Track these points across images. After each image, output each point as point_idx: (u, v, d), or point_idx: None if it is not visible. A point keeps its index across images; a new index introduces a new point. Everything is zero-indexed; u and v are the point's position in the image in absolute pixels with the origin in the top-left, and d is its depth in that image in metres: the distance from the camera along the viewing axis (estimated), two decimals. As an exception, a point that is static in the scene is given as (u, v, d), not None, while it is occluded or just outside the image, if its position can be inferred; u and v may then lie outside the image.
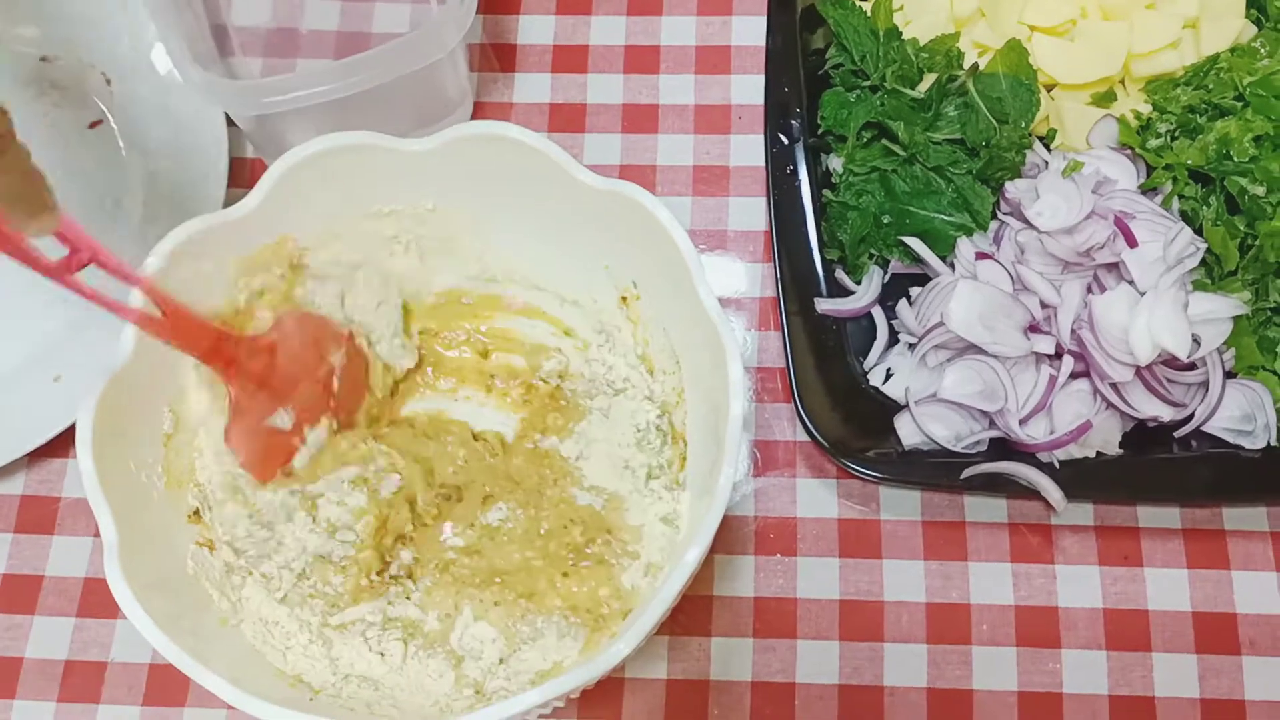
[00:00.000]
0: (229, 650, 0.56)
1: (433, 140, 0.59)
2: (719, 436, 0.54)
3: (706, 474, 0.57)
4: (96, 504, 0.52)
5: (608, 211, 0.59)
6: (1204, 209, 0.67)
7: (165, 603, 0.52)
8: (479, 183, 0.62)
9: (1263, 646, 0.63)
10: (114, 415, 0.54)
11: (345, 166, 0.60)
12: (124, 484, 0.54)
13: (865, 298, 0.69)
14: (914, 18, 0.74)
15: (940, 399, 0.64)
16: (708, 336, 0.55)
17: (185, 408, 0.60)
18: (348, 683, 0.58)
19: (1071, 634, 0.64)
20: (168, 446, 0.58)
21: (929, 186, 0.69)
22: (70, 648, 0.65)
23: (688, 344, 0.61)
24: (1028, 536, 0.66)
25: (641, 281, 0.63)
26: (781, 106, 0.72)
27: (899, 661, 0.63)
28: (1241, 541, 0.65)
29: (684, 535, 0.60)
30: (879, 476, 0.64)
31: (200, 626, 0.55)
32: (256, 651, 0.57)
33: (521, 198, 0.62)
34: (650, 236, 0.57)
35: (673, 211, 0.57)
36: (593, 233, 0.62)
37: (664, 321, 0.62)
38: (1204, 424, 0.64)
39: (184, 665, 0.50)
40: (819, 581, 0.65)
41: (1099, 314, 0.64)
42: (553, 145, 0.58)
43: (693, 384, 0.62)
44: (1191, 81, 0.70)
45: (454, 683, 0.59)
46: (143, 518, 0.55)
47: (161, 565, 0.55)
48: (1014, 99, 0.69)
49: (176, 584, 0.56)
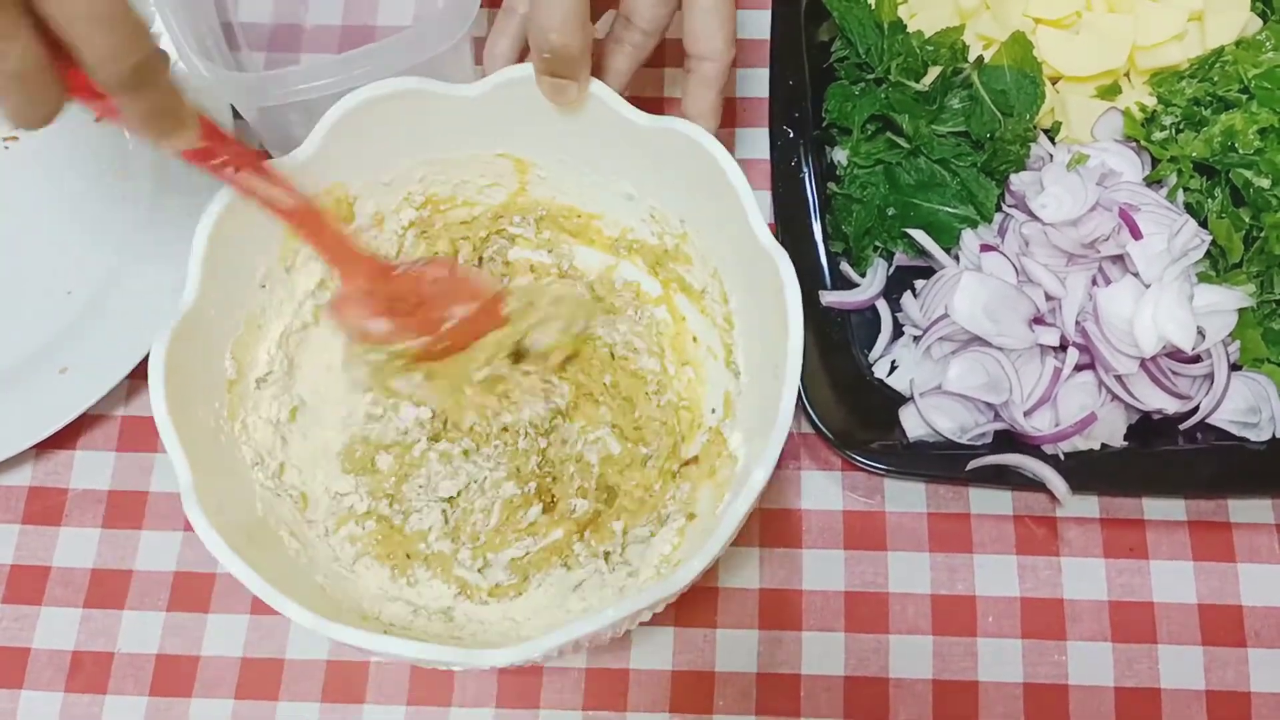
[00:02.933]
0: (300, 586, 0.55)
1: (484, 84, 0.59)
2: (777, 370, 0.54)
3: (758, 411, 0.57)
4: (169, 441, 0.51)
5: (657, 151, 0.59)
6: (1209, 201, 0.67)
7: (238, 539, 0.52)
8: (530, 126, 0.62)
9: (1268, 638, 0.63)
10: (180, 358, 0.54)
11: (401, 112, 0.60)
12: (192, 426, 0.54)
13: (870, 290, 0.69)
14: (918, 10, 0.74)
15: (945, 391, 0.65)
16: (763, 270, 0.55)
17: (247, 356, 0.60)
18: (418, 616, 0.59)
19: (1077, 626, 0.64)
20: (231, 393, 0.58)
21: (933, 179, 0.69)
22: (77, 638, 0.65)
23: (738, 283, 0.61)
24: (1033, 529, 0.66)
25: (690, 219, 0.63)
26: (786, 100, 0.72)
27: (904, 653, 0.63)
28: (1247, 534, 0.65)
29: (742, 465, 0.60)
30: (884, 469, 0.64)
31: (273, 561, 0.55)
32: (321, 588, 0.57)
33: (569, 138, 0.62)
34: (700, 173, 0.58)
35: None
36: (641, 172, 0.62)
37: (713, 260, 0.63)
38: (1209, 416, 0.64)
39: (266, 595, 0.49)
40: (824, 574, 0.65)
41: (1104, 306, 0.64)
42: (601, 85, 0.59)
43: (743, 319, 0.62)
44: (1196, 74, 0.70)
45: None
46: (211, 458, 0.55)
47: (233, 505, 0.55)
48: (1018, 92, 0.68)
49: (249, 526, 0.56)
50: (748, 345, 0.62)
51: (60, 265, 0.72)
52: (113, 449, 0.69)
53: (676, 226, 0.64)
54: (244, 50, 0.77)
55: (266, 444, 0.60)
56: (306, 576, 0.57)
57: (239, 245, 0.57)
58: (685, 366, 0.66)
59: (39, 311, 0.71)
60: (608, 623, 0.48)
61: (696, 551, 0.50)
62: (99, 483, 0.69)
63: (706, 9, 0.60)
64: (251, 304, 0.60)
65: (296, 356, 0.62)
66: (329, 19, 0.80)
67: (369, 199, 0.63)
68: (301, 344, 0.63)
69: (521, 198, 0.67)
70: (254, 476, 0.58)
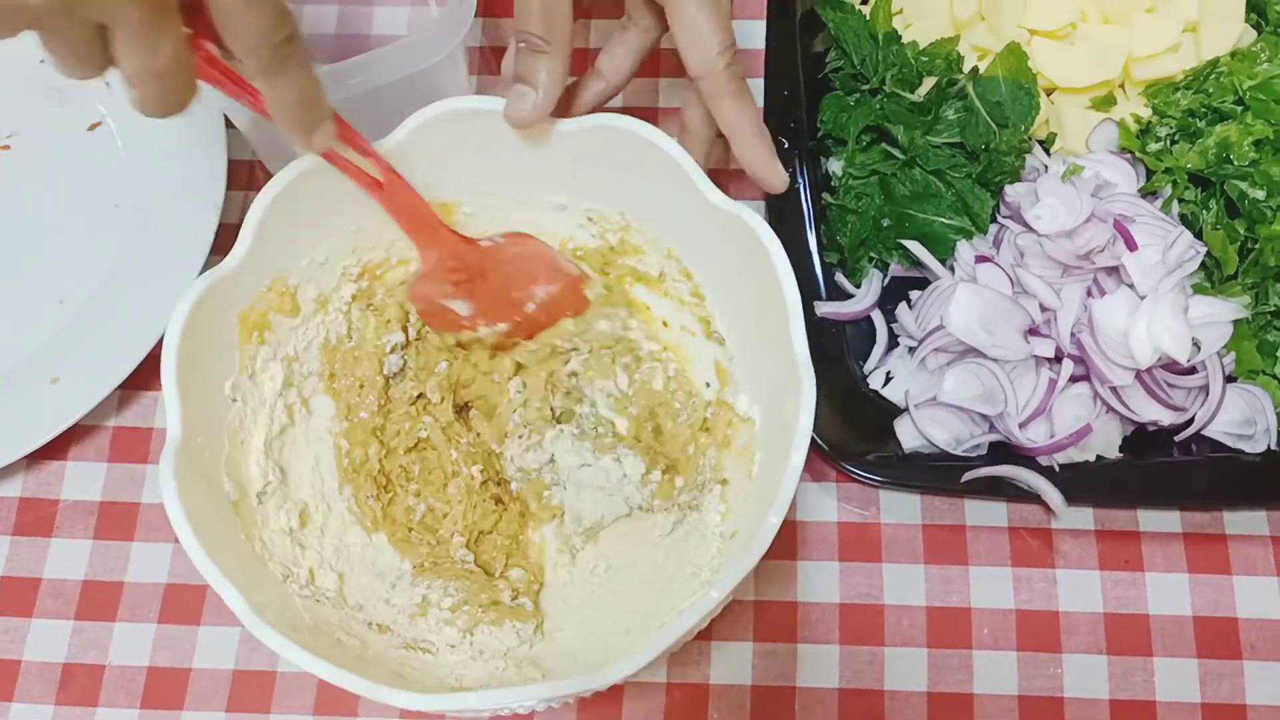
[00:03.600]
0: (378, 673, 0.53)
1: (398, 132, 0.59)
2: (774, 326, 0.55)
3: (760, 372, 0.60)
4: (214, 580, 0.49)
5: (584, 154, 0.60)
6: (1204, 213, 0.67)
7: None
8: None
9: (1264, 651, 0.63)
10: (188, 491, 0.52)
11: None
12: (225, 556, 0.52)
13: (865, 301, 0.69)
14: (913, 21, 0.74)
15: (940, 402, 0.64)
16: (727, 231, 0.56)
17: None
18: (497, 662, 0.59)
19: (1072, 638, 0.64)
20: (239, 514, 0.57)
21: (928, 190, 0.69)
22: (68, 650, 0.65)
23: (699, 255, 0.62)
24: (1028, 540, 0.66)
25: (631, 210, 0.63)
26: (781, 110, 0.71)
27: (899, 666, 0.63)
28: (1242, 546, 0.65)
29: (761, 426, 0.61)
30: (879, 480, 0.64)
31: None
32: (398, 674, 0.56)
33: (491, 167, 0.63)
34: (634, 160, 0.58)
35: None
36: (570, 179, 0.63)
37: (666, 241, 0.63)
38: (1204, 428, 0.64)
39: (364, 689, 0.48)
40: (819, 585, 0.65)
41: (1099, 317, 0.64)
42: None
43: (714, 288, 0.63)
44: (1191, 85, 0.70)
45: None
46: (256, 582, 0.54)
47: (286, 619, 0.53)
48: (1013, 103, 0.68)
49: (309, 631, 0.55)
50: (727, 311, 0.63)
51: (52, 274, 0.72)
52: (104, 460, 0.69)
53: (618, 220, 0.64)
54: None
55: (290, 555, 0.58)
56: (377, 666, 0.55)
57: (201, 364, 0.56)
58: (665, 352, 0.67)
59: (30, 321, 0.71)
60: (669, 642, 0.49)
61: (751, 520, 0.51)
62: (90, 494, 0.68)
63: (693, 12, 0.57)
64: (230, 418, 0.59)
65: (285, 463, 0.61)
66: (323, 28, 0.80)
67: (309, 284, 0.62)
68: (286, 448, 0.62)
69: None
70: (290, 590, 0.57)
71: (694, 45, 0.58)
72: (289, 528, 0.59)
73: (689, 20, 0.57)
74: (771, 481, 0.52)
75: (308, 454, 0.62)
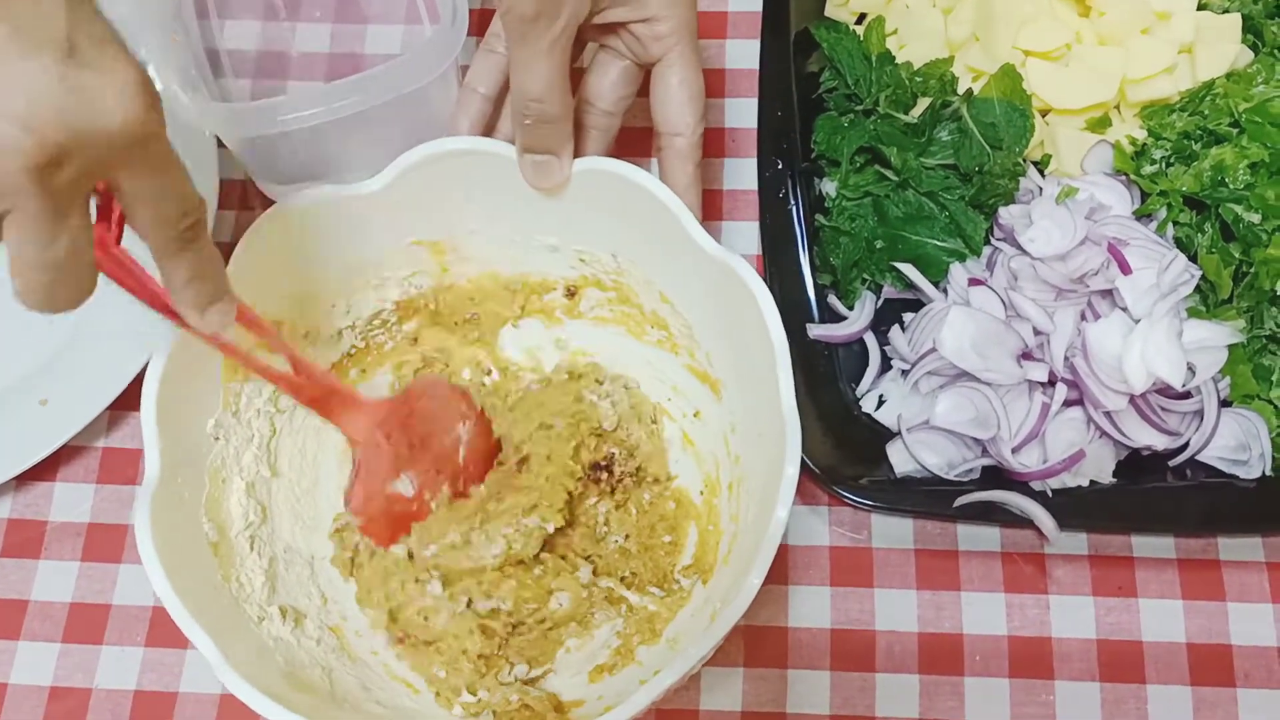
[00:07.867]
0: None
1: (386, 174, 0.59)
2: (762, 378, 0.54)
3: (749, 412, 0.59)
4: (190, 630, 0.50)
5: (577, 195, 0.60)
6: (1199, 236, 0.67)
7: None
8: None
9: (1258, 678, 0.62)
10: (165, 532, 0.52)
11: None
12: (199, 600, 0.52)
13: (857, 323, 0.68)
14: (908, 42, 0.74)
15: (933, 426, 0.64)
16: (718, 278, 0.56)
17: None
18: None
19: (1065, 665, 0.63)
20: (218, 555, 0.57)
21: (922, 212, 0.68)
22: (55, 673, 0.64)
23: (691, 300, 0.62)
24: (1021, 566, 0.65)
25: (623, 252, 0.63)
26: (775, 130, 0.71)
27: (891, 692, 0.63)
28: (1237, 572, 0.65)
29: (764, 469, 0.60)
30: (871, 504, 0.64)
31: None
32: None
33: (484, 209, 0.63)
34: (627, 204, 0.59)
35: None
36: (562, 219, 0.62)
37: (658, 285, 0.63)
38: (1199, 453, 0.64)
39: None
40: (810, 610, 0.65)
41: (1093, 341, 0.63)
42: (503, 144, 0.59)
43: (704, 330, 0.63)
44: (1187, 107, 0.69)
45: None
46: (231, 628, 0.54)
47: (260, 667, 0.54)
48: (1008, 124, 0.68)
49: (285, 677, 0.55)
50: (719, 354, 0.62)
51: (42, 294, 0.72)
52: (93, 481, 0.69)
53: (610, 263, 0.64)
54: (230, 77, 0.77)
55: (263, 595, 0.58)
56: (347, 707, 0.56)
57: (185, 403, 0.56)
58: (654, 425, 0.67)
59: (19, 342, 0.70)
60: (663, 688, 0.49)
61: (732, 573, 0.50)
62: (78, 515, 0.68)
63: (674, 86, 0.61)
64: (212, 456, 0.58)
65: (268, 504, 0.61)
66: (316, 46, 0.80)
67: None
68: (268, 491, 0.62)
69: (446, 292, 0.67)
70: (265, 631, 0.56)
71: (683, 105, 0.62)
72: (265, 567, 0.59)
73: (680, 81, 0.62)
74: (755, 534, 0.52)
75: (291, 506, 0.62)
